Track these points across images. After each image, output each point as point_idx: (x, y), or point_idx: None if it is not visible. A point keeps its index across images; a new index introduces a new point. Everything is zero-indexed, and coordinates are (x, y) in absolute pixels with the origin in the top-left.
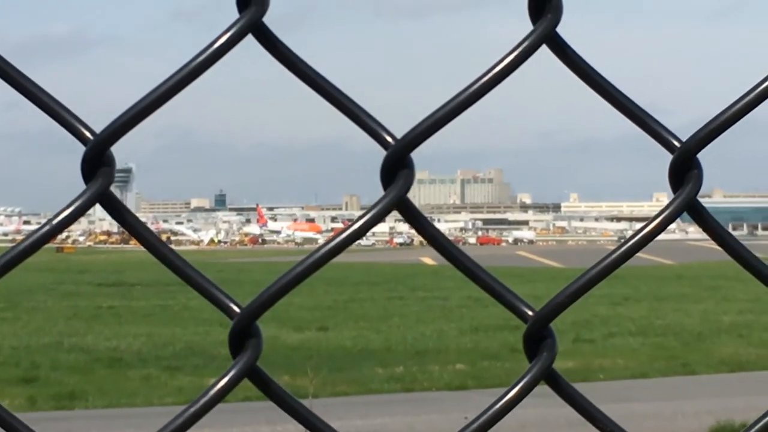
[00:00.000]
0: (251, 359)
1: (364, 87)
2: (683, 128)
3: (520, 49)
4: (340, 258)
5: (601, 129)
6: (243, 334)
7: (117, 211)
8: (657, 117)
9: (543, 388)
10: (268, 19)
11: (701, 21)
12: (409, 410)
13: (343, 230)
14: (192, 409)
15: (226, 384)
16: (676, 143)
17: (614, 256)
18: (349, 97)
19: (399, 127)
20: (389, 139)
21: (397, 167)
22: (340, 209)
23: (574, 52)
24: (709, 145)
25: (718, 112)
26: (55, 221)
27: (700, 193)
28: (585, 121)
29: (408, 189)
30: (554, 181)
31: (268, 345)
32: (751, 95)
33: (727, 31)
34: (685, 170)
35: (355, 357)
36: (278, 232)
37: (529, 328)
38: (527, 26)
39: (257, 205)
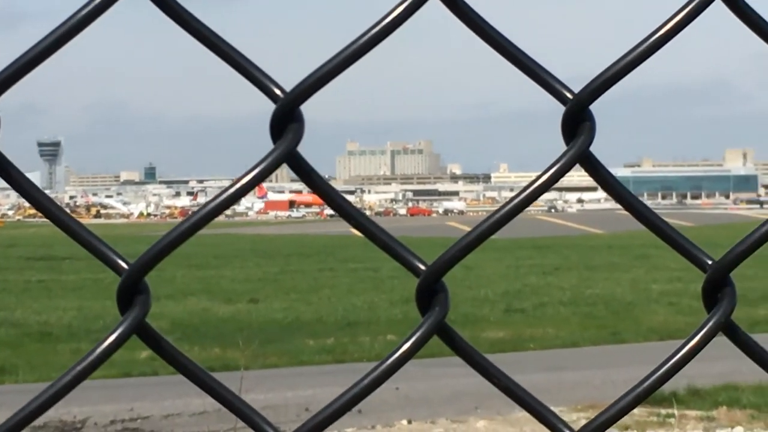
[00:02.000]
0: (139, 315)
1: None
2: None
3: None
4: (271, 230)
5: (534, 101)
6: (131, 291)
7: (2, 167)
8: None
9: None
10: None
11: None
12: (340, 381)
13: (230, 186)
14: (78, 368)
15: (113, 341)
16: (569, 95)
17: (505, 210)
18: (238, 50)
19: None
20: (278, 92)
21: (286, 121)
22: (270, 182)
23: (464, 3)
24: (638, 115)
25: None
26: None
27: (630, 161)
28: (517, 93)
29: (297, 143)
30: (484, 152)
31: (199, 317)
32: (642, 46)
33: None
34: (578, 122)
35: (285, 329)
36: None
37: (421, 282)
38: None
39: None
